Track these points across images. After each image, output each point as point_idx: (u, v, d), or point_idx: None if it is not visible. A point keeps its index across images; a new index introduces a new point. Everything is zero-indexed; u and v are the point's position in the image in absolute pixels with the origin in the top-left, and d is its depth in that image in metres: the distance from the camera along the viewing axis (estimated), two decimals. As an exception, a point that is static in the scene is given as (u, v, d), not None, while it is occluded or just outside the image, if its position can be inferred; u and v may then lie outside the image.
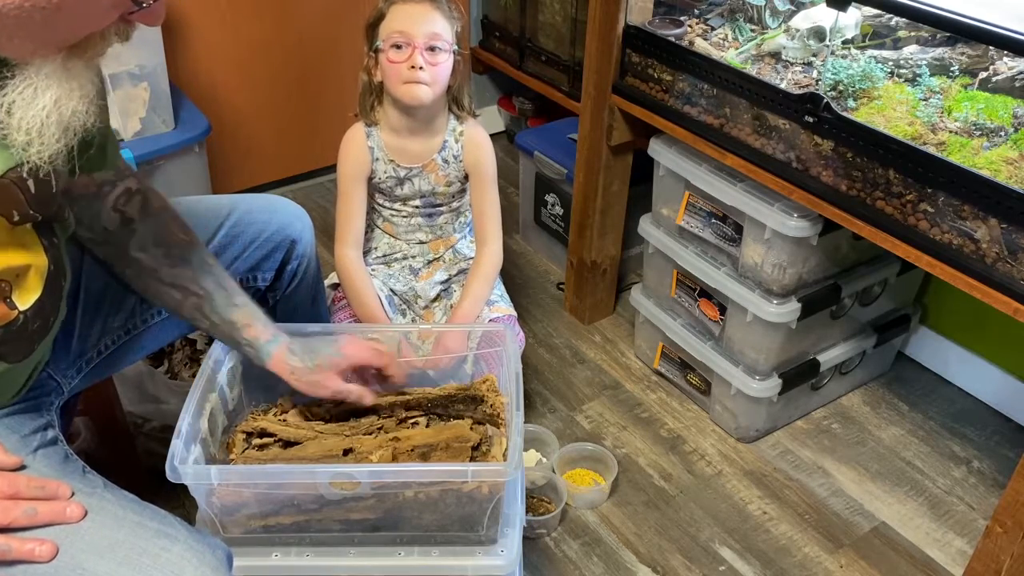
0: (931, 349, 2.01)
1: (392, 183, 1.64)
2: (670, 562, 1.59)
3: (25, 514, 0.88)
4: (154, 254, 1.13)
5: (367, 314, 1.60)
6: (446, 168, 1.65)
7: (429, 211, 1.69)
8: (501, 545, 1.14)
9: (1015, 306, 1.23)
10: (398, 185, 1.65)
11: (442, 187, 1.66)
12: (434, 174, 1.65)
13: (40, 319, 0.98)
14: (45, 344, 1.03)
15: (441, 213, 1.70)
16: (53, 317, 1.02)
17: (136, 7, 0.82)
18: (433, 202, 1.68)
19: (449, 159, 1.65)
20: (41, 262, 0.96)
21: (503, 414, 1.22)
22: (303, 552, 1.13)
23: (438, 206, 1.69)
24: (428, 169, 1.64)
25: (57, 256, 1.00)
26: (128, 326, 1.22)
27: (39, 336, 1.00)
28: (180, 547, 0.90)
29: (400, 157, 1.63)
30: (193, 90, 2.21)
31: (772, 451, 1.82)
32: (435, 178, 1.65)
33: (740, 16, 1.71)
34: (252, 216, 1.30)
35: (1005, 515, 1.30)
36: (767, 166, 1.53)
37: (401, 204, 1.68)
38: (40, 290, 0.96)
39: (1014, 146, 1.29)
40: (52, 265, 0.98)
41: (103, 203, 1.11)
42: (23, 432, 1.00)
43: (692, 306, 1.83)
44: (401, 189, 1.65)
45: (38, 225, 0.95)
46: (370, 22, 1.57)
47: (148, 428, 1.67)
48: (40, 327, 0.99)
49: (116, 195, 1.11)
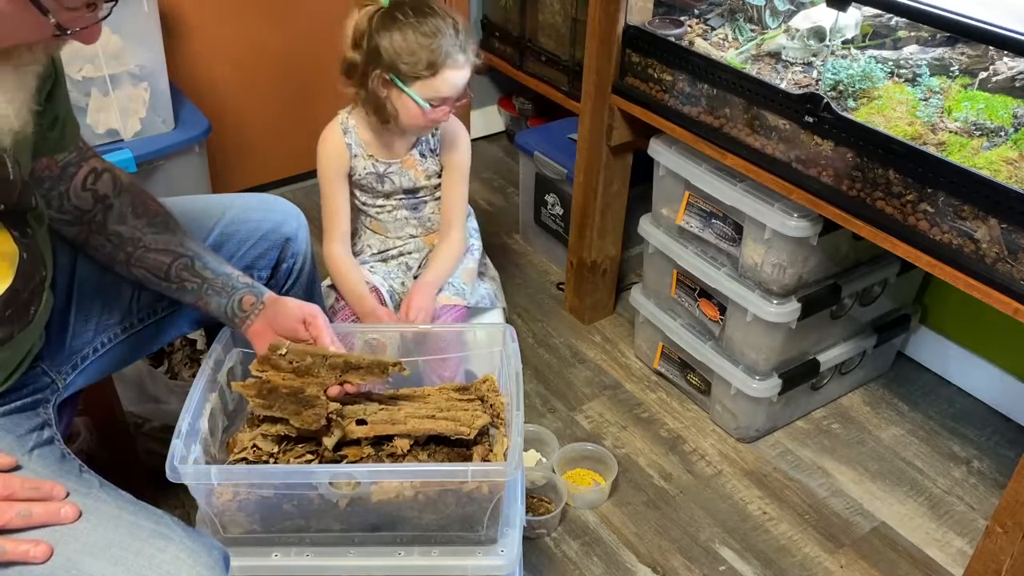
0: (931, 349, 2.01)
1: (373, 179, 1.66)
2: (670, 562, 1.59)
3: (20, 515, 0.88)
4: (135, 224, 1.16)
5: (365, 308, 1.60)
6: (424, 163, 1.67)
7: (414, 203, 1.70)
8: (501, 545, 1.14)
9: (1015, 306, 1.23)
10: (379, 181, 1.66)
11: (423, 180, 1.68)
12: (413, 169, 1.67)
13: (14, 307, 0.98)
14: (29, 333, 1.03)
15: (426, 203, 1.71)
16: (34, 307, 1.02)
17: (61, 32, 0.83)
18: (416, 194, 1.70)
19: (426, 153, 1.67)
20: (10, 250, 0.97)
21: (503, 414, 1.22)
22: (303, 552, 1.13)
23: (422, 198, 1.70)
24: (407, 165, 1.66)
25: (31, 246, 1.00)
26: (125, 325, 1.21)
27: (18, 323, 1.00)
28: (175, 547, 0.90)
29: (378, 152, 1.65)
30: (193, 90, 2.21)
31: (772, 451, 1.82)
32: (415, 173, 1.67)
33: (740, 16, 1.71)
34: (246, 214, 1.30)
35: (1005, 515, 1.29)
36: (767, 166, 1.52)
37: (384, 199, 1.69)
38: (11, 278, 0.97)
39: (1014, 146, 1.29)
40: (25, 254, 0.98)
41: (70, 184, 1.12)
42: (19, 432, 1.00)
43: (692, 306, 1.83)
44: (382, 185, 1.66)
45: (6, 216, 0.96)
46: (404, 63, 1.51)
47: (148, 428, 1.67)
48: (16, 314, 0.99)
49: (83, 175, 1.13)
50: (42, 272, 1.03)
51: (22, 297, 0.99)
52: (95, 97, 1.83)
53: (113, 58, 1.82)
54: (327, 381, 1.15)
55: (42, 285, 1.03)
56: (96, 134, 1.86)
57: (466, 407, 1.19)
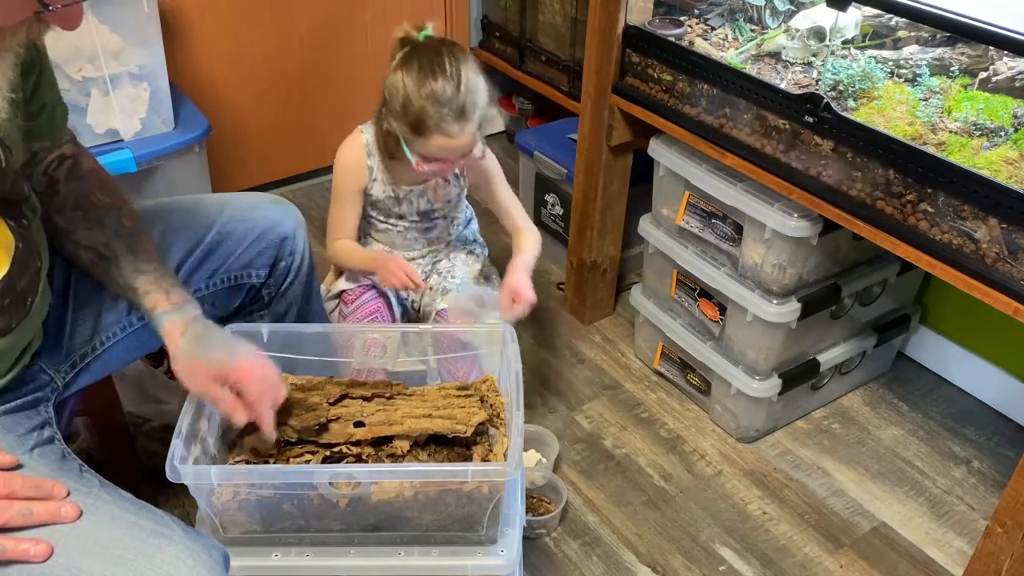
0: (931, 349, 2.01)
1: (390, 202, 1.62)
2: (670, 562, 1.59)
3: (20, 514, 0.88)
4: (70, 217, 1.13)
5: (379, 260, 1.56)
6: (447, 188, 1.63)
7: (426, 226, 1.67)
8: (501, 545, 1.14)
9: (1015, 306, 1.23)
10: (396, 203, 1.62)
11: (439, 204, 1.65)
12: (433, 192, 1.62)
13: (12, 296, 0.98)
14: (28, 325, 1.03)
15: (437, 225, 1.68)
16: (31, 297, 1.01)
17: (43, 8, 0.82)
18: (430, 217, 1.66)
19: (450, 178, 1.63)
20: (6, 239, 0.96)
21: (503, 414, 1.22)
22: (303, 552, 1.13)
23: (435, 221, 1.67)
24: (427, 186, 1.62)
25: (28, 236, 1.00)
26: (123, 323, 1.21)
27: (15, 314, 0.99)
28: (175, 547, 0.90)
29: (399, 180, 1.59)
30: (193, 90, 2.21)
31: (772, 451, 1.82)
32: (434, 196, 1.63)
33: (740, 16, 1.71)
34: (243, 213, 1.30)
35: (1005, 515, 1.29)
36: (767, 166, 1.52)
37: (397, 220, 1.65)
38: (7, 266, 0.97)
39: (1014, 146, 1.29)
40: (20, 243, 0.98)
41: (36, 168, 1.11)
42: (19, 431, 1.00)
43: (692, 306, 1.83)
44: (399, 207, 1.63)
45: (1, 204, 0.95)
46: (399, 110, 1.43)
47: (148, 428, 1.67)
48: (14, 304, 0.99)
49: (50, 160, 1.12)
50: (38, 263, 1.03)
51: (19, 287, 0.99)
52: (95, 97, 1.83)
53: (113, 58, 1.82)
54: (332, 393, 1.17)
55: (38, 276, 1.03)
56: (96, 134, 1.86)
57: (463, 404, 1.19)
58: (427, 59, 1.40)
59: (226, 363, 1.05)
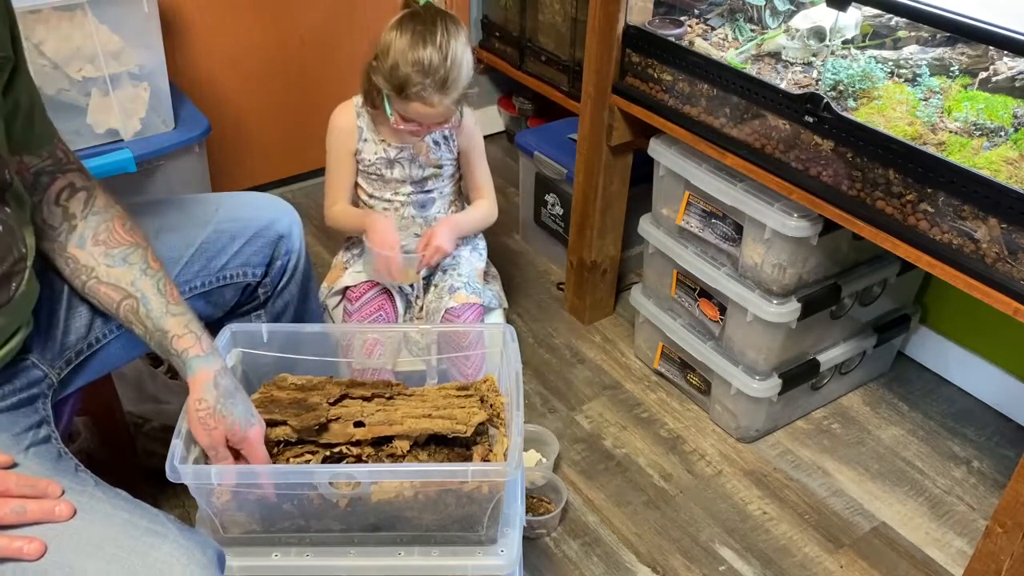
0: (931, 349, 2.01)
1: (382, 164, 1.65)
2: (670, 562, 1.59)
3: (14, 512, 0.88)
4: (92, 252, 1.10)
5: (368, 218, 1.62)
6: (437, 151, 1.66)
7: (421, 199, 1.69)
8: (501, 545, 1.14)
9: (1015, 306, 1.23)
10: (388, 167, 1.65)
11: (431, 170, 1.67)
12: (425, 157, 1.66)
13: None
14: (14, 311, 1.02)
15: (433, 202, 1.70)
16: (15, 283, 1.01)
17: None
18: (424, 188, 1.68)
19: (439, 140, 1.66)
20: None
21: (503, 414, 1.22)
22: (303, 552, 1.13)
23: (428, 192, 1.69)
24: (418, 150, 1.65)
25: (7, 222, 0.98)
26: None
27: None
28: (169, 545, 0.90)
29: (390, 136, 1.64)
30: (193, 90, 2.21)
31: (772, 451, 1.82)
32: (426, 160, 1.66)
33: (740, 16, 1.71)
34: (238, 212, 1.30)
35: (1005, 515, 1.29)
36: (767, 166, 1.52)
37: (392, 193, 1.67)
38: None
39: (1014, 146, 1.29)
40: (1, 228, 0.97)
41: (45, 196, 1.09)
42: (15, 430, 1.00)
43: (692, 306, 1.83)
44: (391, 172, 1.65)
45: None
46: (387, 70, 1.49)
47: (148, 428, 1.67)
48: None
49: (58, 188, 1.09)
50: (22, 250, 1.01)
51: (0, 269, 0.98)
52: (95, 97, 1.83)
53: (113, 58, 1.82)
54: (332, 393, 1.17)
55: (23, 264, 1.02)
56: (96, 134, 1.86)
57: (463, 404, 1.19)
58: (422, 26, 1.47)
59: (244, 438, 1.08)
